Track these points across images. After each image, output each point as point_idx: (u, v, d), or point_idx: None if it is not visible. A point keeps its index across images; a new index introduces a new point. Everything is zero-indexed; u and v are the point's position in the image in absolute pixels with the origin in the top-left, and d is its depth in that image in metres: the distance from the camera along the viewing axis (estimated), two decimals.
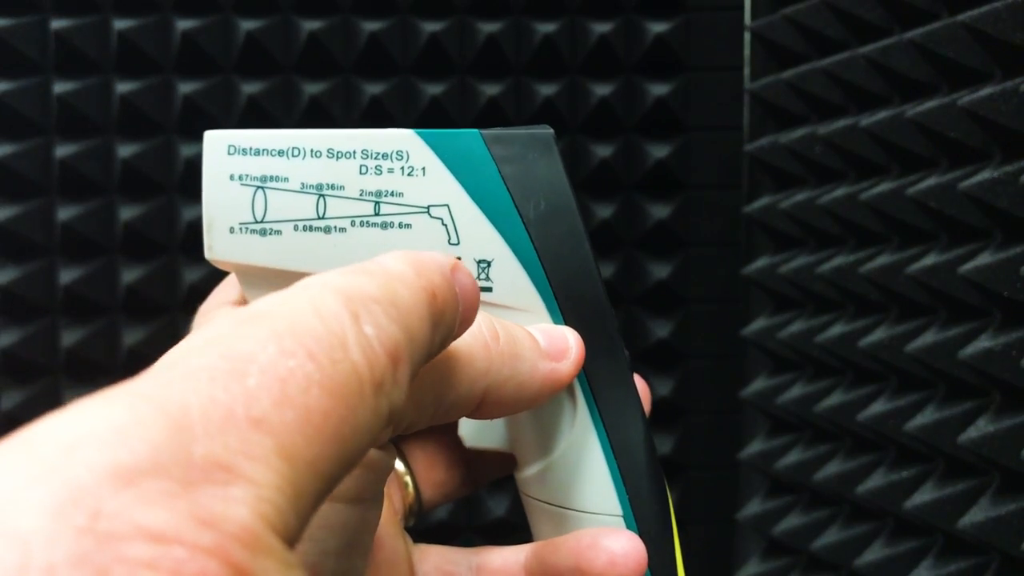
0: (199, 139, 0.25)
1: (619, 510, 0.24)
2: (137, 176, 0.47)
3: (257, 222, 0.23)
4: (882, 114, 0.38)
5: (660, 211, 0.48)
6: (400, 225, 0.23)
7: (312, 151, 0.23)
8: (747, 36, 0.48)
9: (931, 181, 0.35)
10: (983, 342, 0.32)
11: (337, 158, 0.23)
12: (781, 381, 0.45)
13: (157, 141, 0.47)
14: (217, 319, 0.15)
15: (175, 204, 0.47)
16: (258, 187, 0.23)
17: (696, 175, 0.48)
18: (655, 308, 0.49)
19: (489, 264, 0.23)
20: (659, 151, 0.48)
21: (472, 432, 0.27)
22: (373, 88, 0.47)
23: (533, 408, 0.24)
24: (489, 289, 0.23)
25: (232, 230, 0.23)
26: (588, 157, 0.48)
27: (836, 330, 0.40)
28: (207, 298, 0.28)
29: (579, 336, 0.23)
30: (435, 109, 0.47)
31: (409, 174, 0.23)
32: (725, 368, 0.49)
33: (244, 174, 0.23)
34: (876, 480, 0.38)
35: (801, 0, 0.43)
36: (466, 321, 0.19)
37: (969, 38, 0.33)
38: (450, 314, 0.18)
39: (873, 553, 0.38)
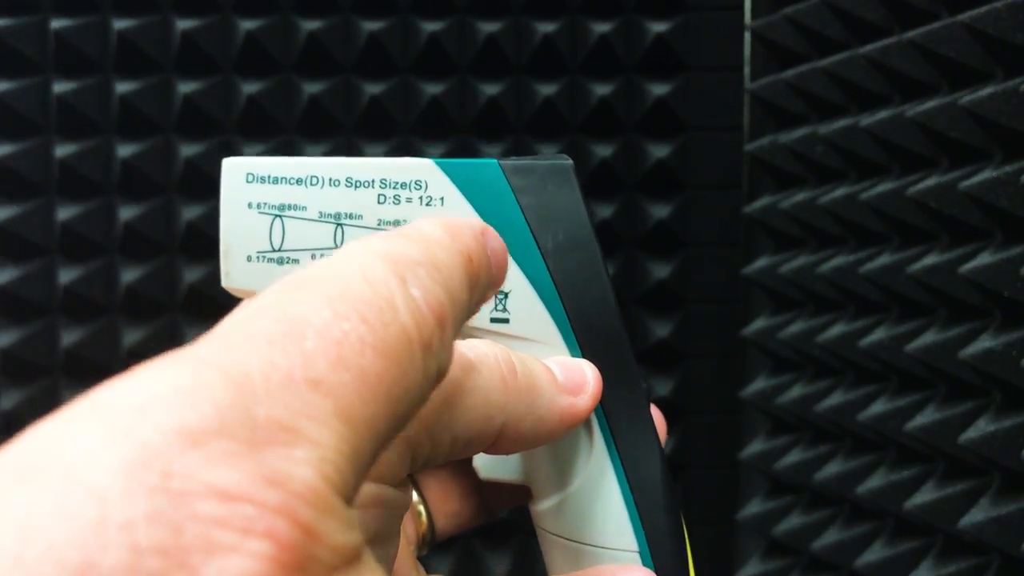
0: (199, 139, 0.25)
1: (635, 546, 0.24)
2: (137, 176, 0.47)
3: (275, 251, 0.23)
4: (882, 114, 0.38)
5: (660, 211, 0.48)
6: None
7: (331, 180, 0.23)
8: (747, 36, 0.47)
9: (931, 181, 0.35)
10: (983, 342, 0.32)
11: (355, 187, 0.23)
12: (781, 381, 0.45)
13: (157, 141, 0.47)
14: (270, 288, 0.16)
15: (175, 204, 0.47)
16: (276, 215, 0.23)
17: (696, 175, 0.48)
18: (655, 308, 0.49)
19: (507, 296, 0.23)
20: (659, 151, 0.48)
21: (487, 464, 0.26)
22: (373, 88, 0.47)
23: (550, 443, 0.23)
24: (506, 320, 0.23)
25: (249, 258, 0.23)
26: (588, 157, 0.48)
27: (836, 330, 0.40)
28: None
29: (596, 369, 0.23)
30: (435, 109, 0.47)
31: (427, 204, 0.23)
32: (725, 368, 0.49)
33: (262, 202, 0.23)
34: (876, 480, 0.38)
35: (801, 0, 0.43)
36: (496, 283, 0.20)
37: (969, 38, 0.33)
38: (484, 276, 0.18)
39: (873, 553, 0.38)
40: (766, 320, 0.46)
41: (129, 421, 0.12)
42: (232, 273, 0.24)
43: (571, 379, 0.23)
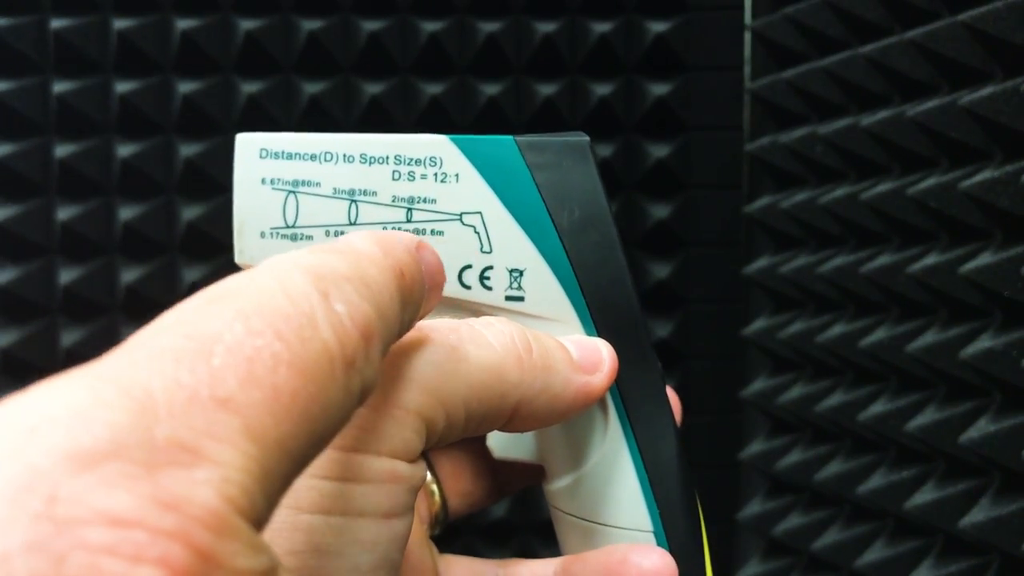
0: (199, 139, 0.24)
1: (650, 526, 0.24)
2: (137, 176, 0.47)
3: (288, 227, 0.23)
4: (882, 114, 0.38)
5: (660, 211, 0.48)
6: (432, 232, 0.23)
7: (345, 156, 0.23)
8: (747, 36, 0.47)
9: (931, 181, 0.35)
10: (984, 342, 0.32)
11: (370, 163, 0.23)
12: (781, 381, 0.45)
13: (157, 141, 0.47)
14: (186, 300, 0.15)
15: (175, 204, 0.47)
16: (290, 191, 0.23)
17: (696, 175, 0.48)
18: (655, 308, 0.49)
19: (521, 273, 0.23)
20: (659, 151, 0.48)
21: (501, 443, 0.26)
22: (373, 88, 0.47)
23: (565, 421, 0.23)
24: (521, 299, 0.23)
25: (263, 235, 0.23)
26: None
27: (836, 330, 0.40)
28: None
29: (612, 348, 0.23)
30: (435, 109, 0.47)
31: (442, 181, 0.23)
32: (725, 368, 0.49)
33: (276, 178, 0.23)
34: (876, 480, 0.38)
35: (801, 0, 0.43)
36: (432, 299, 0.19)
37: (969, 38, 0.33)
38: (417, 292, 0.18)
39: (873, 553, 0.38)
40: (766, 320, 0.46)
41: (16, 443, 0.11)
42: (245, 250, 0.23)
43: (586, 357, 0.23)
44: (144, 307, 0.47)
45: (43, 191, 0.47)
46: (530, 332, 0.22)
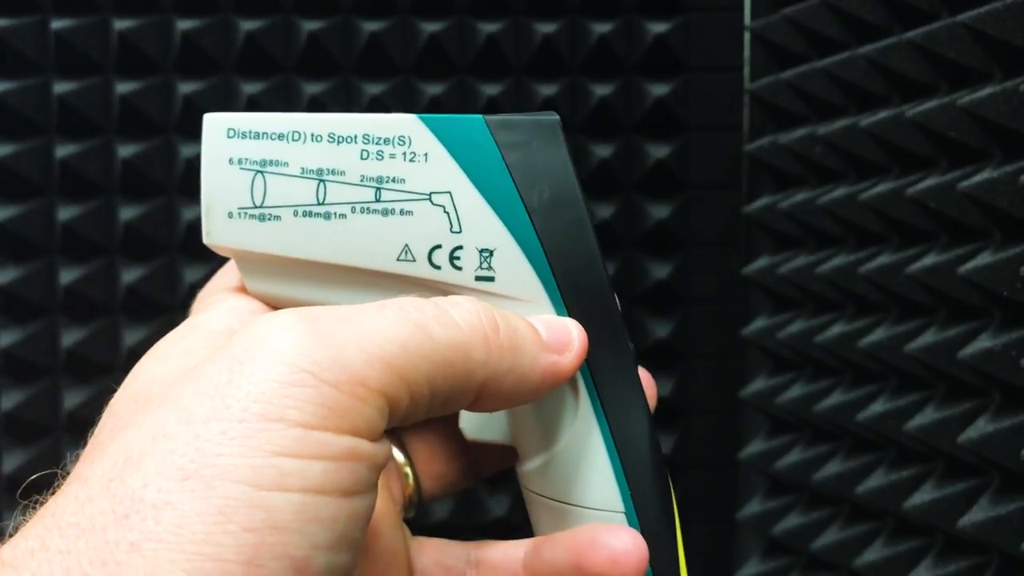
0: (199, 139, 0.24)
1: (621, 506, 0.24)
2: (137, 176, 0.47)
3: (256, 207, 0.23)
4: (882, 114, 0.38)
5: (660, 211, 0.48)
6: (401, 212, 0.23)
7: (313, 135, 0.23)
8: (747, 36, 0.48)
9: (931, 181, 0.35)
10: (983, 342, 0.32)
11: (338, 143, 0.23)
12: (781, 381, 0.45)
13: (157, 141, 0.47)
14: None
15: (175, 204, 0.47)
16: (257, 171, 0.23)
17: (696, 175, 0.48)
18: (655, 308, 0.49)
19: (492, 253, 0.23)
20: (659, 151, 0.48)
21: (473, 424, 0.26)
22: (373, 88, 0.47)
23: (534, 401, 0.23)
24: (492, 279, 0.23)
25: (231, 215, 0.23)
26: (588, 157, 0.48)
27: (836, 330, 0.40)
28: (207, 283, 0.27)
29: (582, 328, 0.23)
30: (435, 109, 0.47)
31: (411, 160, 0.22)
32: (725, 368, 0.49)
33: (243, 158, 0.23)
34: (876, 480, 0.38)
35: (801, 0, 0.43)
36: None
37: (969, 38, 0.33)
38: None
39: (873, 553, 0.38)
40: (766, 320, 0.46)
41: None
42: (213, 231, 0.23)
43: (555, 337, 0.23)
44: (144, 307, 0.47)
45: (44, 191, 0.47)
46: (498, 312, 0.22)
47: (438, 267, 0.23)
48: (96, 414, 0.22)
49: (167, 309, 0.48)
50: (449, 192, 0.23)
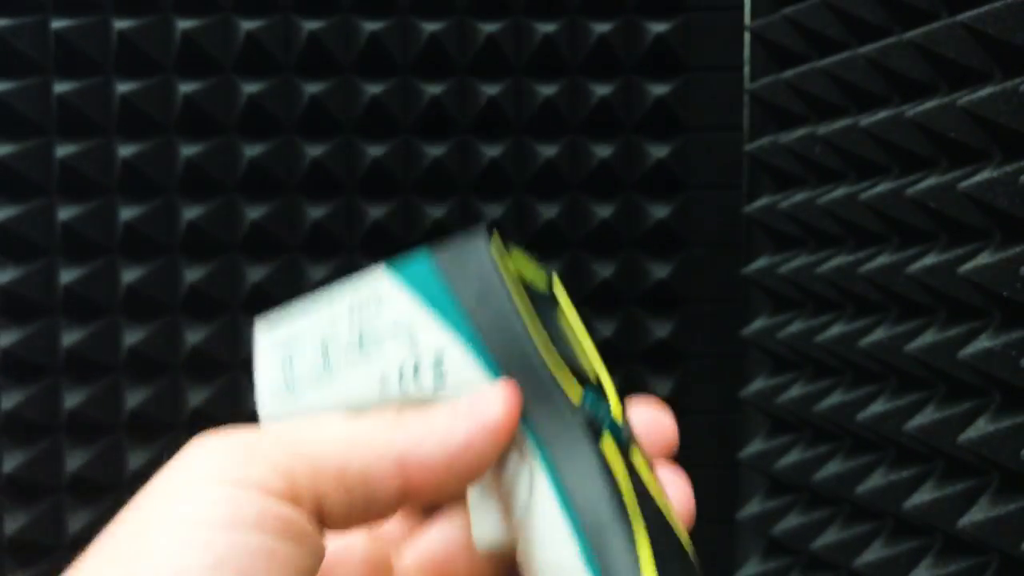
0: (199, 139, 0.25)
1: (580, 558, 0.23)
2: (137, 176, 0.47)
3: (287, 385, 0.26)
4: (882, 114, 0.38)
5: (660, 211, 0.48)
6: (376, 344, 0.25)
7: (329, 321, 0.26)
8: (747, 36, 0.48)
9: (931, 181, 0.35)
10: (983, 342, 0.32)
11: (336, 320, 0.25)
12: (781, 381, 0.45)
13: (157, 141, 0.47)
14: None
15: (175, 204, 0.47)
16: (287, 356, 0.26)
17: (696, 175, 0.48)
18: (655, 308, 0.49)
19: (442, 361, 0.24)
20: (659, 151, 0.48)
21: (482, 534, 0.25)
22: (373, 88, 0.47)
23: (476, 472, 0.22)
24: (443, 383, 0.24)
25: (274, 394, 0.26)
26: (588, 157, 0.48)
27: (836, 330, 0.40)
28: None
29: (509, 381, 0.23)
30: (435, 109, 0.47)
31: (379, 305, 0.25)
32: (725, 368, 0.49)
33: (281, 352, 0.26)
34: (876, 480, 0.38)
35: (801, 0, 0.43)
36: None
37: (969, 38, 0.33)
38: None
39: (873, 553, 0.38)
40: (765, 320, 0.46)
41: None
42: (265, 412, 0.26)
43: (475, 395, 0.22)
44: (144, 307, 0.47)
45: (44, 191, 0.47)
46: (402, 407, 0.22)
47: (407, 387, 0.25)
48: (96, 414, 0.22)
49: (166, 309, 0.48)
50: (409, 323, 0.25)
